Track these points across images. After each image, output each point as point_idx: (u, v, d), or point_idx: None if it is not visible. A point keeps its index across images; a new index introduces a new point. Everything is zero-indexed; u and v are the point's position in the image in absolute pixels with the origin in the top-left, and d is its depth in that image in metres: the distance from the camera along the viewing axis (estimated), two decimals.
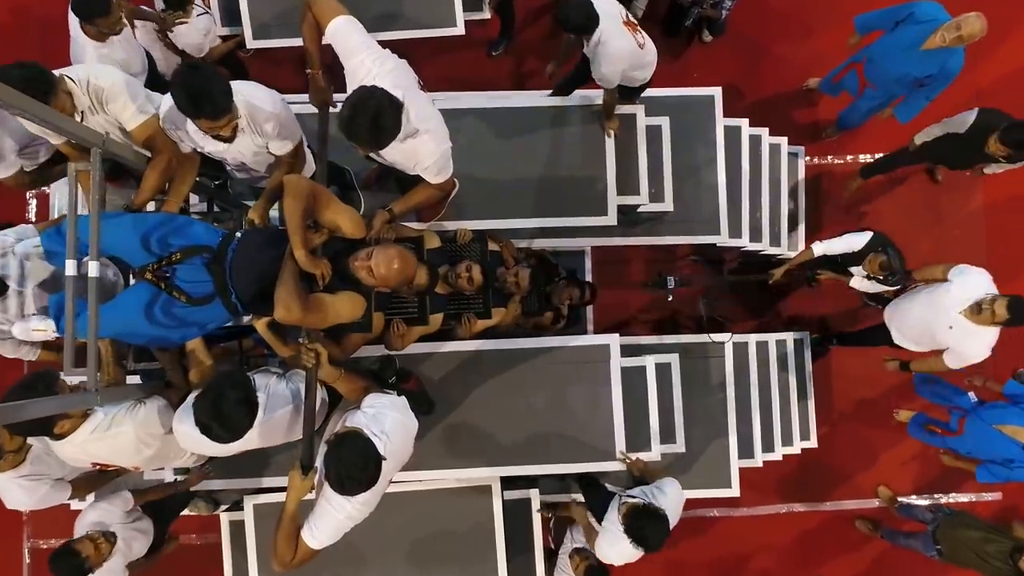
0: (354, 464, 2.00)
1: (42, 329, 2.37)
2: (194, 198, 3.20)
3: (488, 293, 3.13)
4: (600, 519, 2.99)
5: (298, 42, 2.53)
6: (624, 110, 3.54)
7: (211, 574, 3.45)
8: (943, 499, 4.84)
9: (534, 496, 3.50)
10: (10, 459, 2.50)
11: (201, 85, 2.11)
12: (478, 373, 3.21)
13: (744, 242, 4.15)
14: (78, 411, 2.21)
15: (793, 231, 4.58)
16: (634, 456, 3.24)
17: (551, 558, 3.61)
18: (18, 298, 2.38)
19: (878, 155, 4.69)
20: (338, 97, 2.34)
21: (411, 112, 2.29)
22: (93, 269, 1.95)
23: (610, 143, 3.47)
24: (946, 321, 3.41)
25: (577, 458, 3.23)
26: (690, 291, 4.55)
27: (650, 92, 3.77)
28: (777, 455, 4.22)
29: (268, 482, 3.19)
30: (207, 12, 3.74)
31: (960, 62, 3.53)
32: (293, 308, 2.10)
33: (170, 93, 2.18)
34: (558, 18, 3.11)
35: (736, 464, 3.86)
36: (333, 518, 2.13)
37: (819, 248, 3.78)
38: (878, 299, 4.50)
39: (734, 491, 3.84)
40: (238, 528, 3.32)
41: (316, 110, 2.60)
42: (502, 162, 3.43)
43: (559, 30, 3.44)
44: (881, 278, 3.67)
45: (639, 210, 3.75)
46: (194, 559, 4.33)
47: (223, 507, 3.69)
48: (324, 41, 2.42)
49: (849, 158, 4.96)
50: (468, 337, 3.17)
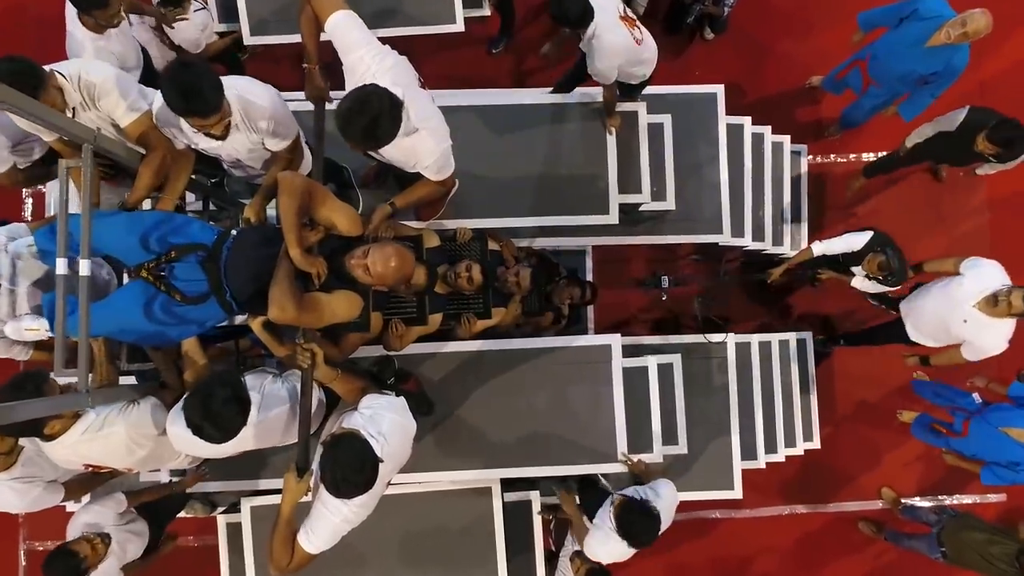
0: (350, 466, 1.96)
1: (35, 328, 2.34)
2: (190, 196, 3.16)
3: (488, 293, 3.09)
4: (592, 518, 2.95)
5: (296, 39, 2.50)
6: (626, 107, 3.51)
7: None
8: (947, 501, 4.81)
9: (534, 498, 3.47)
10: (1, 461, 2.46)
11: (191, 82, 2.06)
12: (478, 374, 3.18)
13: (747, 241, 4.12)
14: (69, 412, 2.17)
15: (796, 230, 4.54)
16: (635, 458, 3.20)
17: (552, 560, 3.57)
18: (10, 297, 2.34)
19: (881, 154, 4.66)
20: (336, 95, 2.30)
21: (411, 111, 2.26)
22: (84, 267, 1.91)
23: (611, 141, 3.43)
24: (960, 315, 3.37)
25: (578, 460, 3.20)
26: (687, 291, 4.51)
27: (652, 89, 3.74)
28: (780, 456, 4.18)
29: (265, 484, 3.16)
30: (204, 8, 3.71)
31: (965, 59, 3.49)
32: (287, 307, 2.06)
33: (160, 90, 2.14)
34: (552, 11, 3.07)
35: (739, 465, 3.83)
36: (329, 522, 2.09)
37: (818, 248, 3.75)
38: (882, 299, 4.48)
39: (736, 493, 3.82)
40: (235, 530, 3.30)
41: (313, 107, 2.56)
42: (502, 160, 3.39)
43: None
44: (880, 278, 3.63)
45: (641, 209, 3.72)
46: (191, 561, 4.28)
47: (220, 509, 3.66)
48: (323, 37, 2.39)
49: (852, 157, 4.92)
50: (468, 337, 3.13)
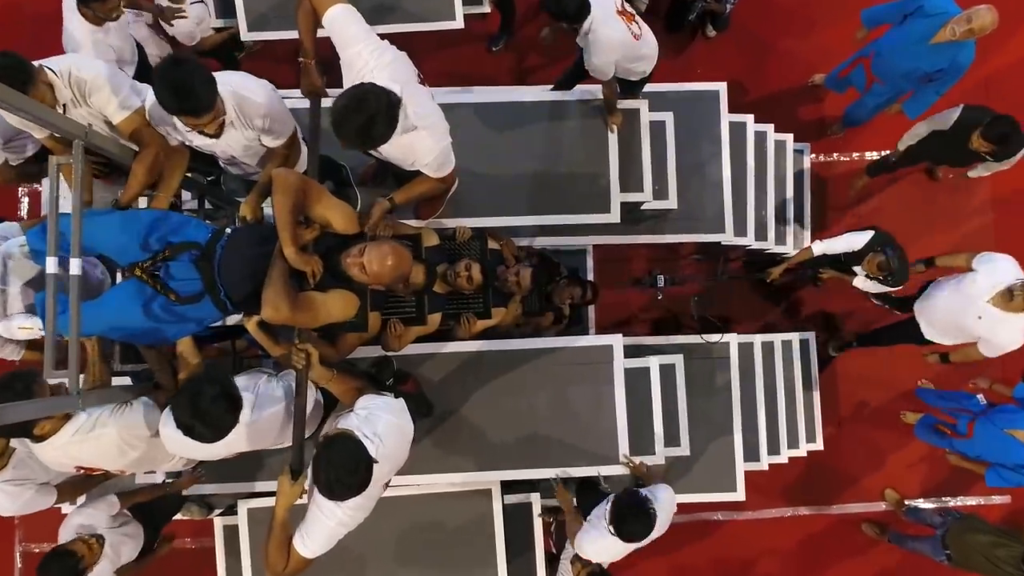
0: (343, 467, 1.91)
1: (27, 327, 2.30)
2: (186, 195, 3.12)
3: (488, 292, 3.05)
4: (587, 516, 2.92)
5: (295, 35, 2.45)
6: (627, 105, 3.47)
7: None
8: (951, 502, 4.77)
9: (535, 500, 3.43)
10: None
11: (183, 79, 2.02)
12: (478, 375, 3.14)
13: (749, 240, 4.08)
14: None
15: (799, 229, 4.50)
16: (637, 460, 3.16)
17: (552, 563, 3.54)
18: (1, 297, 2.30)
19: (885, 152, 4.61)
20: (334, 92, 2.25)
21: (409, 108, 2.22)
22: (75, 266, 1.87)
23: (613, 139, 3.39)
24: (974, 311, 3.34)
25: (579, 462, 3.16)
26: (684, 290, 4.47)
27: (653, 87, 3.71)
28: (782, 458, 4.15)
29: (262, 486, 3.13)
30: (201, 1, 3.67)
31: (971, 56, 3.45)
32: (281, 307, 2.02)
33: (152, 87, 2.10)
34: (548, 6, 3.02)
35: (741, 467, 3.79)
36: (324, 525, 2.05)
37: (819, 247, 3.72)
38: (885, 299, 4.45)
39: (739, 495, 3.77)
40: (232, 533, 3.27)
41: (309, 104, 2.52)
42: (502, 158, 3.35)
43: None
44: (880, 278, 3.61)
45: (642, 207, 3.68)
46: (188, 563, 4.27)
47: (217, 511, 3.63)
48: (322, 33, 2.35)
49: (855, 155, 4.89)
50: (468, 338, 3.09)
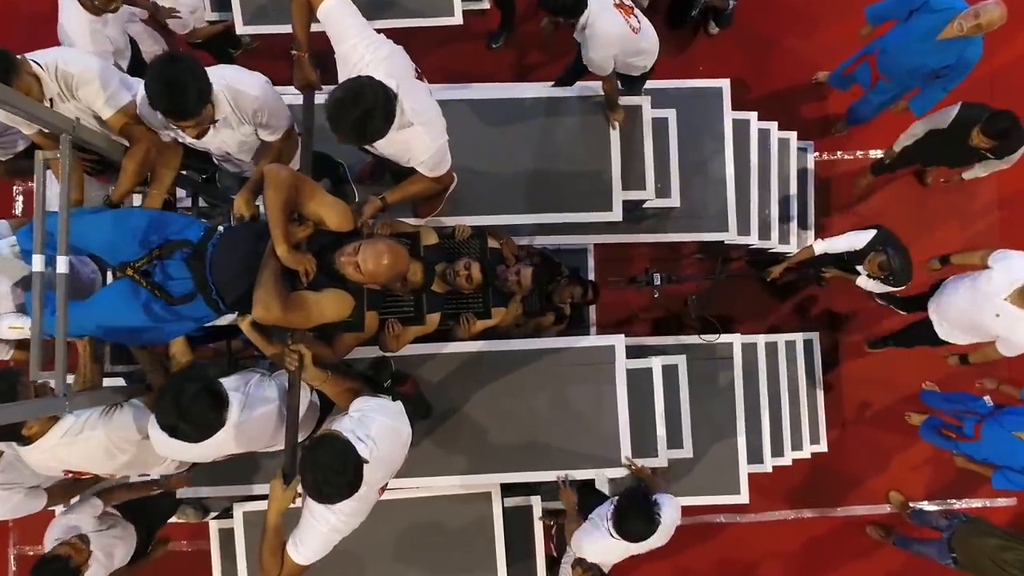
0: (331, 468, 1.85)
1: (18, 327, 2.26)
2: (180, 193, 3.07)
3: (488, 292, 3.00)
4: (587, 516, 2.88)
5: (290, 29, 2.39)
6: (629, 101, 3.41)
7: None
8: (956, 504, 4.72)
9: (535, 503, 3.39)
10: None
11: (176, 77, 1.96)
12: (477, 375, 3.10)
13: (753, 240, 4.03)
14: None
15: (803, 228, 4.45)
16: (639, 463, 3.11)
17: (553, 567, 3.49)
18: None
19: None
20: (328, 89, 2.21)
21: (405, 104, 2.17)
22: (61, 264, 1.82)
23: (615, 136, 3.34)
24: (991, 309, 3.28)
25: (580, 464, 3.12)
26: (682, 289, 4.40)
27: (656, 83, 3.67)
28: (787, 459, 4.10)
29: (259, 489, 3.09)
30: None
31: (978, 51, 3.40)
32: (272, 307, 1.96)
33: (144, 83, 2.04)
34: (544, 1, 2.97)
35: (745, 469, 3.74)
36: (317, 531, 2.00)
37: (820, 246, 3.68)
38: (889, 299, 4.41)
39: (743, 497, 3.73)
40: (228, 536, 3.21)
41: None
42: (502, 156, 3.30)
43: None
44: (882, 278, 3.57)
45: (644, 206, 3.63)
46: (184, 566, 4.24)
47: (212, 514, 3.58)
48: (317, 28, 2.30)
49: (859, 154, 4.84)
50: (467, 338, 3.04)
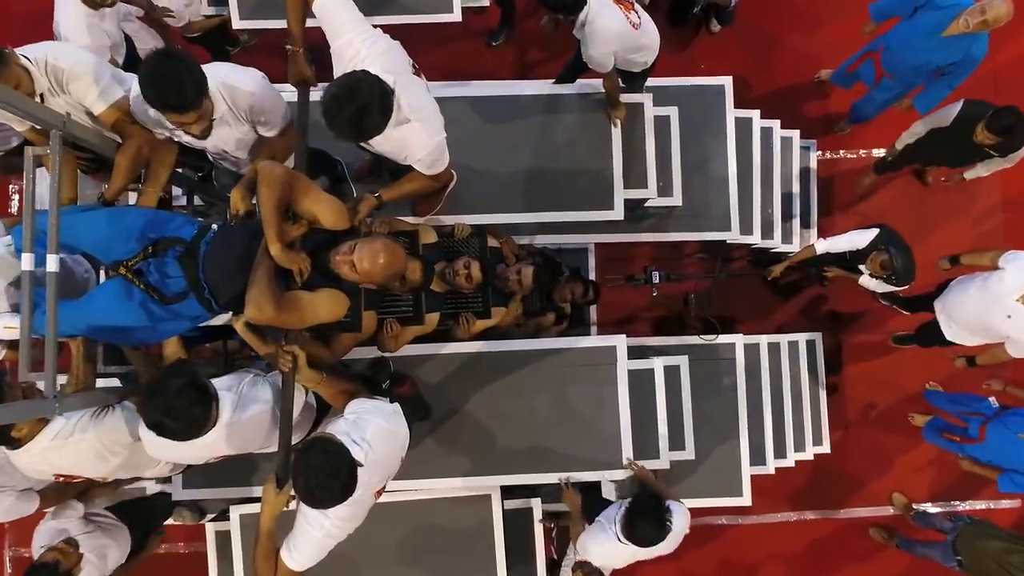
0: (323, 472, 1.80)
1: (13, 327, 2.20)
2: (176, 191, 3.04)
3: (488, 291, 2.96)
4: (591, 521, 2.84)
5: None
6: (631, 99, 3.38)
7: None
8: (960, 506, 4.68)
9: (536, 505, 3.35)
10: None
11: (170, 71, 1.91)
12: (477, 376, 3.06)
13: (756, 239, 3.99)
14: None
15: (805, 228, 4.42)
16: (640, 464, 3.07)
17: (553, 569, 3.46)
18: None
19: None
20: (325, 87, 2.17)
21: (403, 100, 2.13)
22: (52, 263, 1.77)
23: (616, 133, 3.30)
24: (1003, 310, 3.25)
25: (581, 466, 3.08)
26: (681, 287, 4.39)
27: (658, 81, 3.63)
28: (789, 461, 4.06)
29: (256, 491, 3.04)
30: None
31: (984, 48, 3.37)
32: (265, 307, 1.92)
33: (138, 80, 2.00)
34: None
35: (747, 471, 3.70)
36: (311, 536, 1.95)
37: (822, 246, 3.65)
38: (892, 299, 4.37)
39: (745, 500, 3.69)
40: (224, 539, 3.18)
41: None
42: (503, 154, 3.26)
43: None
44: (884, 278, 3.53)
45: (646, 205, 3.59)
46: (181, 568, 4.22)
47: (209, 517, 3.54)
48: (313, 23, 2.26)
49: (862, 152, 4.80)
50: (466, 338, 3.01)
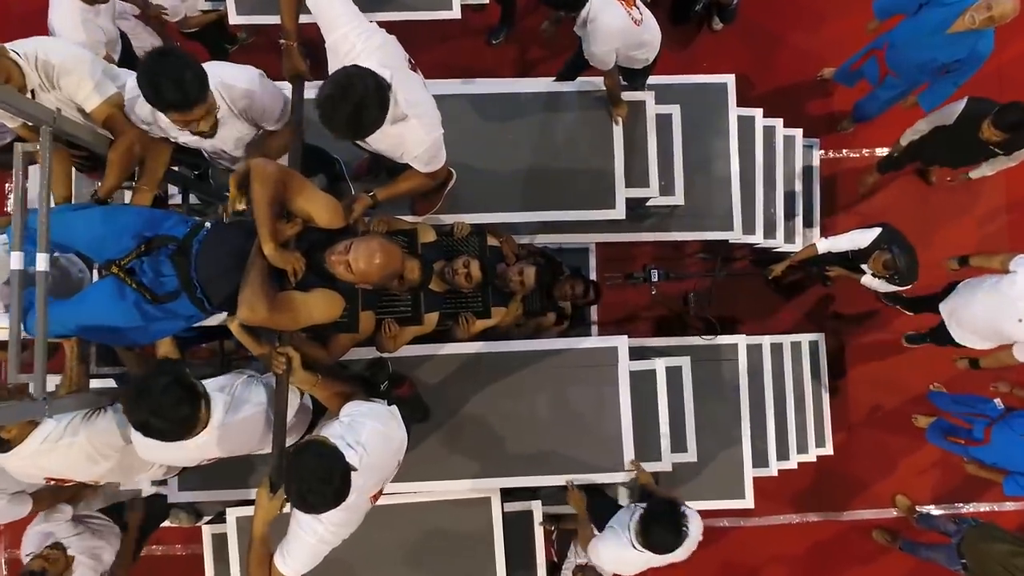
0: (315, 476, 1.76)
1: (6, 327, 2.17)
2: (173, 189, 3.00)
3: (488, 291, 2.93)
4: (599, 526, 2.79)
5: None
6: (632, 97, 3.35)
7: None
8: (964, 508, 4.65)
9: (536, 508, 3.30)
10: None
11: (169, 69, 1.87)
12: (477, 377, 3.03)
13: (758, 238, 3.95)
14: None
15: (808, 227, 4.38)
16: (644, 466, 3.04)
17: (554, 572, 3.43)
18: None
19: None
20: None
21: (399, 95, 2.09)
22: (41, 262, 1.74)
23: (618, 132, 3.27)
24: (1014, 314, 3.23)
25: (582, 469, 3.04)
26: (682, 286, 4.36)
27: (660, 79, 3.60)
28: (792, 463, 4.03)
29: (253, 494, 2.92)
30: None
31: (990, 45, 3.33)
32: (258, 308, 1.88)
33: (137, 83, 1.96)
34: None
35: (750, 473, 3.66)
36: (304, 542, 1.91)
37: (823, 245, 3.63)
38: (895, 299, 4.33)
39: (748, 502, 3.65)
40: (221, 542, 3.13)
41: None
42: (503, 152, 3.23)
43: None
44: (887, 277, 3.50)
45: (648, 204, 3.55)
46: (179, 570, 4.21)
47: (206, 519, 3.50)
48: (309, 19, 2.22)
49: (865, 152, 4.77)
50: (466, 338, 2.97)
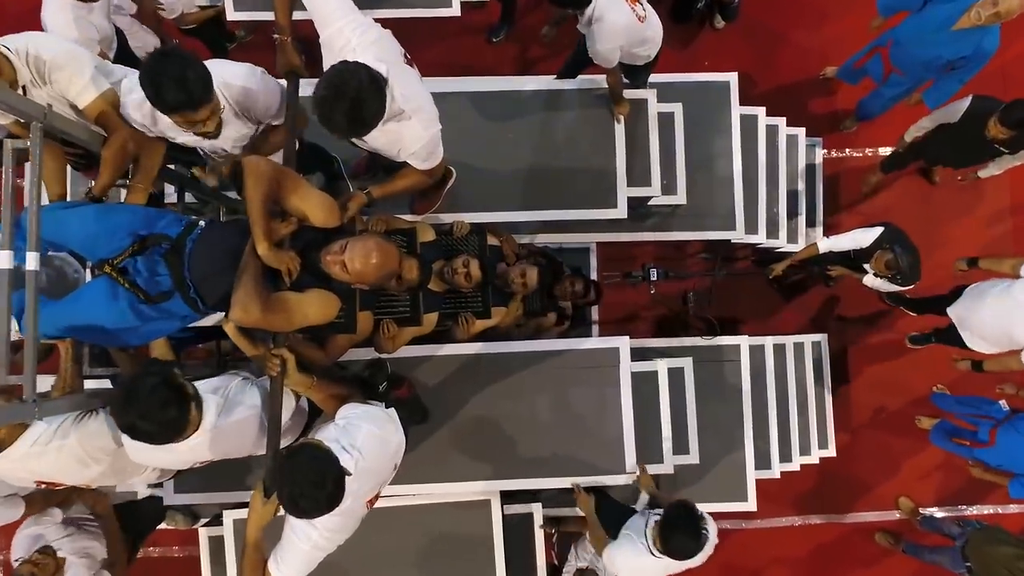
0: (307, 480, 1.72)
1: None
2: (169, 188, 2.97)
3: (487, 291, 2.90)
4: (610, 530, 2.75)
5: None
6: (634, 95, 3.32)
7: None
8: (967, 510, 4.61)
9: (536, 511, 3.27)
10: None
11: (172, 71, 1.83)
12: (476, 378, 2.99)
13: (761, 238, 3.92)
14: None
15: (811, 227, 4.35)
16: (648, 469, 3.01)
17: None
18: None
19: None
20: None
21: (396, 90, 2.05)
22: (31, 261, 1.70)
23: (620, 130, 3.25)
24: None
25: (583, 471, 3.01)
26: (681, 285, 4.33)
27: (662, 77, 3.58)
28: (794, 465, 4.00)
29: (249, 496, 2.96)
30: None
31: (995, 41, 3.28)
32: (251, 309, 1.84)
33: (141, 86, 1.91)
34: None
35: (752, 476, 3.63)
36: (298, 549, 1.88)
37: (824, 244, 3.60)
38: (898, 299, 4.30)
39: (751, 505, 3.62)
40: (217, 544, 3.12)
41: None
42: (503, 150, 3.21)
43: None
44: (889, 277, 3.48)
45: (649, 203, 3.52)
46: (176, 572, 4.19)
47: (202, 521, 3.47)
48: (303, 15, 2.19)
49: (868, 151, 4.73)
50: (466, 339, 2.94)
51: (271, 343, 2.04)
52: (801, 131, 4.23)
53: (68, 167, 2.39)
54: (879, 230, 3.51)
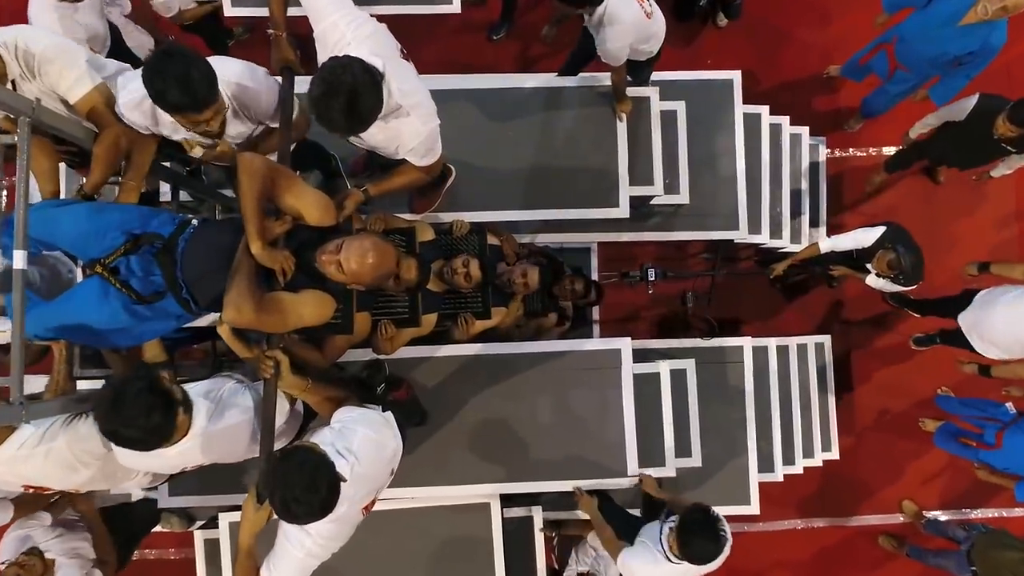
0: (300, 485, 1.67)
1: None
2: (164, 186, 2.93)
3: (487, 291, 2.86)
4: (621, 534, 2.72)
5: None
6: (637, 93, 3.29)
7: None
8: (971, 514, 4.57)
9: (536, 514, 3.24)
10: None
11: (176, 70, 1.78)
12: (476, 380, 2.97)
13: (764, 238, 3.89)
14: None
15: (814, 227, 4.31)
16: (649, 472, 2.97)
17: None
18: None
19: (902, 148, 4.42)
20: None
21: (393, 85, 2.00)
22: (19, 260, 1.66)
23: (622, 128, 3.21)
24: None
25: (584, 474, 2.98)
26: (681, 285, 4.28)
27: (665, 75, 3.55)
28: (797, 468, 3.96)
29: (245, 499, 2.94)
30: None
31: (1003, 36, 3.24)
32: (244, 309, 1.79)
33: (144, 86, 1.87)
34: None
35: (755, 479, 3.60)
36: (292, 556, 1.83)
37: (826, 244, 3.57)
38: (900, 300, 4.27)
39: (754, 508, 3.58)
40: (213, 547, 3.10)
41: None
42: (503, 149, 3.18)
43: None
44: (891, 277, 3.44)
45: (652, 202, 3.49)
46: (172, 574, 4.15)
47: (198, 524, 3.44)
48: (298, 12, 2.14)
49: (872, 150, 4.69)
50: (465, 340, 2.90)
51: (264, 345, 1.99)
52: (804, 130, 4.20)
53: (61, 165, 2.36)
54: (881, 229, 3.47)
